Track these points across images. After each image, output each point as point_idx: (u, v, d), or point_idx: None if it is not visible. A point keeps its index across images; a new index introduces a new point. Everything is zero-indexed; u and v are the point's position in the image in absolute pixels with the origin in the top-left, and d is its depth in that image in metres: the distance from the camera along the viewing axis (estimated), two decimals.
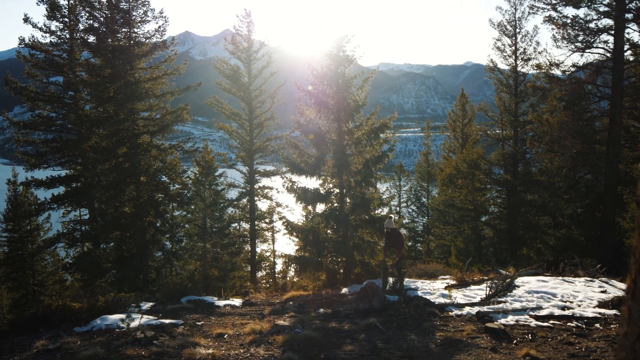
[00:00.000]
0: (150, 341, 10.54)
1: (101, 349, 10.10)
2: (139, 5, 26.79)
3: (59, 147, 28.26)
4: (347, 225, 19.37)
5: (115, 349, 10.22)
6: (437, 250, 38.85)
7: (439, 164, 45.06)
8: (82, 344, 10.96)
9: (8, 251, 30.44)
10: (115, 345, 10.55)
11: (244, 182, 31.84)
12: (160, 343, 10.47)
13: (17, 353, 11.17)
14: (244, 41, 30.66)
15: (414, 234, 45.44)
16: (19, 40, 27.38)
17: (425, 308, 12.50)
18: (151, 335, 10.83)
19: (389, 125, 19.56)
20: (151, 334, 10.91)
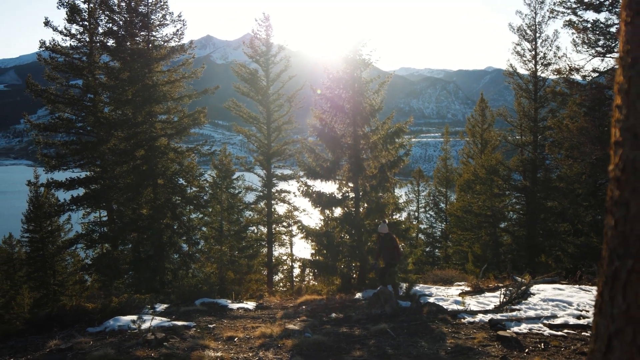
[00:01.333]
0: (160, 343, 10.54)
1: (112, 350, 10.12)
2: (158, 9, 26.99)
3: (79, 149, 28.50)
4: (362, 229, 19.29)
5: (125, 350, 10.24)
6: (455, 256, 38.61)
7: (458, 169, 44.83)
8: (93, 345, 11.00)
9: (30, 251, 30.81)
10: (126, 347, 10.57)
11: (262, 185, 31.83)
12: (170, 345, 10.47)
13: (30, 352, 11.25)
14: (262, 45, 30.70)
15: (432, 240, 45.20)
16: (40, 43, 27.65)
17: (437, 314, 12.38)
18: (161, 337, 10.83)
19: (404, 129, 19.44)
20: (161, 336, 10.92)
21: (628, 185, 1.34)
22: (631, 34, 1.34)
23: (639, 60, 1.31)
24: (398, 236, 19.35)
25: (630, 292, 1.32)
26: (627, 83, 1.36)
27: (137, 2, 26.75)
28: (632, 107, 1.33)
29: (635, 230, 1.31)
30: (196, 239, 28.67)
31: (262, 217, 31.99)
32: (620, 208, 1.36)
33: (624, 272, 1.35)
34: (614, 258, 1.40)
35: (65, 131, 29.20)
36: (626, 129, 1.35)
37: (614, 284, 1.39)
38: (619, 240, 1.37)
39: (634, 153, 1.31)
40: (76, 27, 28.56)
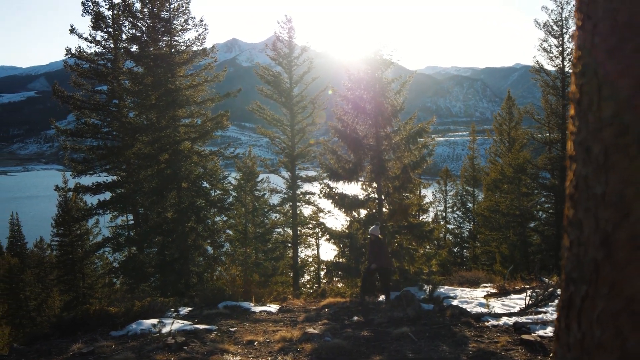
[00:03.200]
0: (180, 347, 10.54)
1: (132, 354, 10.16)
2: (180, 14, 27.19)
3: (105, 154, 28.81)
4: (386, 231, 19.16)
5: (145, 354, 10.26)
6: (482, 256, 38.23)
7: (485, 168, 44.40)
8: (115, 348, 11.05)
9: (59, 255, 31.24)
10: (147, 350, 10.59)
11: (286, 187, 31.83)
12: (190, 349, 10.46)
13: (54, 355, 11.33)
14: (284, 47, 30.72)
15: (460, 240, 44.84)
16: (66, 50, 27.98)
17: (460, 317, 12.21)
18: (182, 341, 10.84)
19: (427, 129, 19.28)
20: (182, 340, 10.93)
21: (581, 203, 1.24)
22: (582, 39, 1.25)
23: (590, 68, 1.22)
24: (422, 238, 19.21)
25: (585, 320, 1.22)
26: (578, 92, 1.27)
27: (159, 8, 26.95)
28: (583, 118, 1.24)
29: (590, 252, 1.21)
30: (221, 242, 28.78)
31: (288, 219, 32.00)
32: (574, 228, 1.27)
33: (579, 299, 1.25)
34: (569, 283, 1.30)
35: (92, 136, 29.53)
36: (579, 143, 1.25)
37: (570, 311, 1.29)
38: (573, 264, 1.27)
39: (586, 169, 1.22)
40: (101, 34, 28.91)
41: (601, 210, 1.16)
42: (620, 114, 1.12)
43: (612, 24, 1.14)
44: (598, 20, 1.18)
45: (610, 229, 1.14)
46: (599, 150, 1.17)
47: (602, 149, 1.16)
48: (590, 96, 1.21)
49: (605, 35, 1.16)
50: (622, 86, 1.12)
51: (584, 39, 1.23)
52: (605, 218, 1.15)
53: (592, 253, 1.19)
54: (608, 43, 1.15)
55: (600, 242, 1.17)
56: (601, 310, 1.17)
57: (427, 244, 21.00)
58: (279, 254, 31.14)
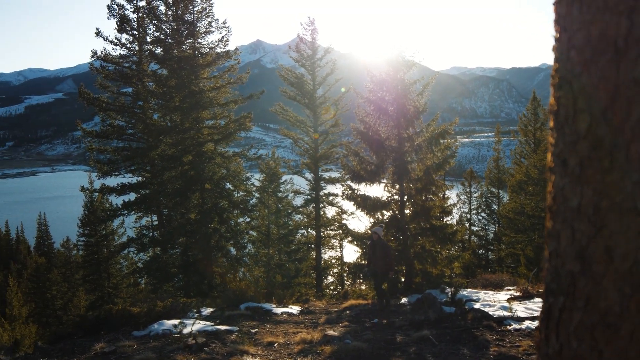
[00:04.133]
0: (200, 348, 10.61)
1: (153, 354, 10.24)
2: (203, 16, 27.35)
3: (129, 155, 29.08)
4: (408, 233, 19.10)
5: (166, 355, 10.33)
6: (507, 259, 37.91)
7: (510, 169, 44.03)
8: (137, 348, 11.15)
9: (85, 254, 31.58)
10: (167, 351, 10.67)
11: (309, 189, 31.85)
12: (210, 350, 10.52)
13: (76, 355, 11.47)
14: (308, 49, 30.74)
15: (485, 242, 44.53)
16: (92, 53, 28.29)
17: (482, 321, 12.13)
18: (202, 342, 10.90)
19: (449, 131, 19.17)
20: (202, 341, 10.99)
21: (559, 215, 1.24)
22: (559, 52, 1.25)
23: (566, 81, 1.22)
24: (444, 240, 19.12)
25: (563, 332, 1.22)
26: (556, 105, 1.27)
27: (183, 11, 27.15)
28: (560, 131, 1.24)
29: (567, 265, 1.21)
30: (244, 243, 28.86)
31: (311, 220, 32.00)
32: (552, 240, 1.27)
33: (557, 310, 1.25)
34: (548, 294, 1.30)
35: (117, 138, 29.83)
36: (556, 155, 1.25)
37: (549, 322, 1.29)
38: (552, 276, 1.27)
39: (563, 181, 1.22)
40: (126, 36, 29.21)
41: (577, 222, 1.17)
42: (595, 127, 1.12)
43: (586, 37, 1.14)
44: (573, 32, 1.18)
45: (585, 242, 1.14)
46: (575, 163, 1.17)
47: (577, 161, 1.16)
48: (566, 109, 1.21)
49: (579, 48, 1.16)
50: (596, 99, 1.12)
51: (560, 51, 1.24)
52: (581, 230, 1.16)
53: (569, 265, 1.19)
54: (582, 56, 1.15)
55: (576, 255, 1.17)
56: (578, 323, 1.17)
57: (450, 246, 20.89)
58: (302, 255, 31.15)
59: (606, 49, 1.09)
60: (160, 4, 28.32)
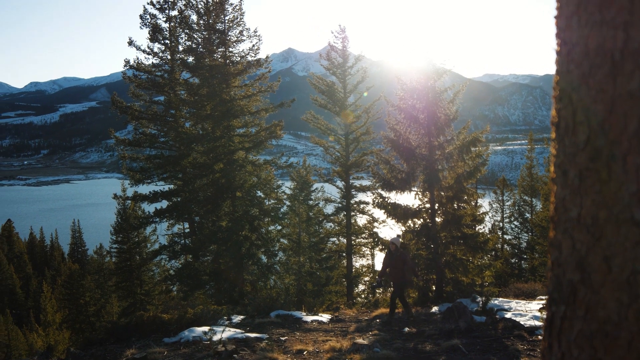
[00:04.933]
0: (230, 355, 10.67)
1: None
2: (235, 25, 27.54)
3: (162, 163, 29.39)
4: (438, 242, 19.00)
5: None
6: (540, 268, 37.41)
7: (544, 177, 43.49)
8: (167, 355, 11.24)
9: (118, 261, 31.93)
10: (197, 358, 10.76)
11: (340, 197, 31.83)
12: (240, 357, 10.58)
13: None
14: (338, 57, 30.79)
15: (518, 251, 44.00)
16: (125, 62, 28.72)
17: (513, 330, 12.03)
18: (232, 349, 10.95)
19: (481, 139, 19.02)
20: (232, 348, 11.04)
21: (560, 225, 1.26)
22: (559, 65, 1.27)
23: (566, 93, 1.24)
24: (476, 249, 18.95)
25: (564, 340, 1.24)
26: (557, 116, 1.28)
27: (215, 20, 27.39)
28: (561, 142, 1.26)
29: (568, 274, 1.22)
30: (275, 251, 28.93)
31: (342, 228, 31.98)
32: (554, 249, 1.28)
33: (558, 319, 1.27)
34: (551, 303, 1.32)
35: (149, 146, 30.19)
36: (557, 166, 1.27)
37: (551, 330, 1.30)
38: (554, 285, 1.29)
39: (564, 192, 1.24)
40: (158, 45, 29.62)
41: (577, 232, 1.18)
42: (593, 138, 1.13)
43: (584, 50, 1.15)
44: (572, 46, 1.20)
45: (585, 252, 1.16)
46: (574, 174, 1.19)
47: (577, 172, 1.18)
48: (566, 121, 1.23)
49: (578, 62, 1.18)
50: (594, 112, 1.14)
51: (560, 64, 1.25)
52: (581, 240, 1.17)
53: (570, 274, 1.21)
54: (581, 69, 1.17)
55: (576, 264, 1.18)
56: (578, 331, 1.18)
57: (481, 255, 20.70)
58: (333, 263, 31.12)
59: (603, 62, 1.11)
60: (192, 13, 28.69)
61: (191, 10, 28.62)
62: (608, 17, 1.10)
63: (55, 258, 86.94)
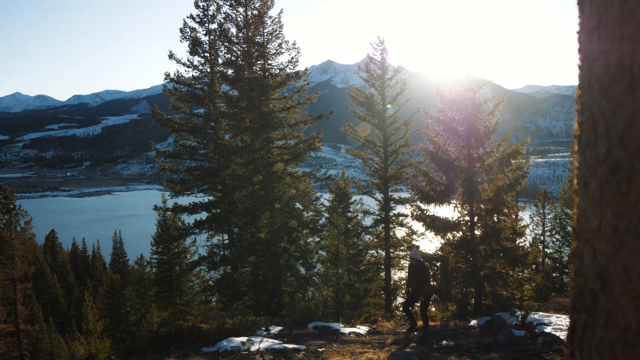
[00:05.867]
0: None
1: None
2: (274, 38, 27.74)
3: (201, 175, 29.73)
4: (478, 255, 18.84)
5: None
6: None
7: None
8: None
9: (158, 272, 32.31)
10: None
11: (379, 209, 31.74)
12: None
13: None
14: (377, 68, 30.77)
15: (560, 265, 43.31)
16: (165, 75, 29.16)
17: (552, 345, 11.87)
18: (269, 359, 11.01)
19: (521, 151, 18.84)
20: (269, 358, 11.13)
21: (582, 236, 1.28)
22: (581, 79, 1.29)
23: (587, 107, 1.26)
24: (515, 262, 18.74)
25: (585, 348, 1.26)
26: (579, 129, 1.31)
27: (254, 33, 27.63)
28: (583, 155, 1.28)
29: (589, 283, 1.25)
30: (313, 263, 28.96)
31: (380, 241, 31.86)
32: (577, 259, 1.31)
33: (580, 327, 1.29)
34: (573, 312, 1.34)
35: (189, 158, 30.60)
36: (580, 178, 1.30)
37: (573, 338, 1.32)
38: (576, 294, 1.31)
39: (585, 203, 1.26)
40: (198, 58, 30.03)
41: (597, 242, 1.21)
42: (613, 151, 1.16)
43: (604, 65, 1.18)
44: (593, 61, 1.22)
45: (605, 262, 1.18)
46: (595, 185, 1.21)
47: (598, 184, 1.21)
48: (587, 134, 1.25)
49: (599, 76, 1.20)
50: (614, 125, 1.16)
51: (582, 79, 1.28)
52: (601, 250, 1.19)
53: (591, 284, 1.23)
54: (601, 83, 1.19)
55: (597, 274, 1.21)
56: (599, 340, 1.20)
57: (521, 269, 20.45)
58: (371, 275, 31.00)
59: (623, 77, 1.14)
60: (232, 26, 28.97)
61: (230, 23, 28.96)
62: (627, 33, 1.13)
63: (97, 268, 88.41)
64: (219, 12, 30.02)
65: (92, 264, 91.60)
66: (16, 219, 29.05)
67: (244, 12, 28.94)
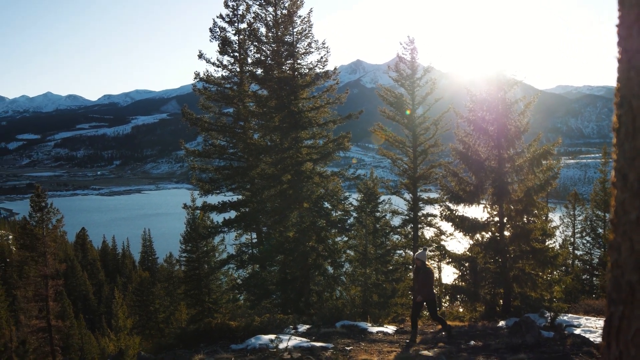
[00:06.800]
0: None
1: None
2: (303, 37, 27.70)
3: (230, 174, 29.92)
4: (507, 255, 18.70)
5: None
6: None
7: None
8: None
9: (186, 270, 32.59)
10: None
11: (408, 209, 31.65)
12: None
13: None
14: (407, 68, 30.65)
15: (590, 267, 42.79)
16: (195, 74, 29.41)
17: (582, 347, 11.74)
18: (297, 357, 11.07)
19: (552, 151, 18.63)
20: (298, 356, 11.16)
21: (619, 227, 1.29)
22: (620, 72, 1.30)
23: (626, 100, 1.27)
24: (545, 263, 18.55)
25: (622, 339, 1.26)
26: (617, 122, 1.32)
27: (283, 32, 27.67)
28: (621, 147, 1.29)
29: (626, 275, 1.25)
30: (341, 262, 28.94)
31: (409, 241, 31.76)
32: (614, 251, 1.31)
33: (617, 319, 1.29)
34: (610, 303, 1.34)
35: (218, 157, 30.82)
36: (618, 170, 1.30)
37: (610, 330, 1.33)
38: (613, 285, 1.32)
39: (623, 195, 1.27)
40: (227, 58, 30.23)
41: (635, 234, 1.21)
42: None
43: None
44: (633, 54, 1.23)
45: None
46: (634, 177, 1.22)
47: (636, 176, 1.21)
48: (626, 126, 1.26)
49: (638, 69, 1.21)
50: None
51: (621, 72, 1.29)
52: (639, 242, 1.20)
53: (628, 275, 1.24)
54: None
55: (635, 265, 1.21)
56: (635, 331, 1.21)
57: (551, 270, 20.24)
58: (400, 275, 30.88)
59: None
60: (261, 25, 29.02)
61: (260, 22, 29.01)
62: None
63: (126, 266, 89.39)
64: (248, 12, 30.20)
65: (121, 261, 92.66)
66: (48, 217, 29.53)
67: (273, 12, 29.01)
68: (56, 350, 29.92)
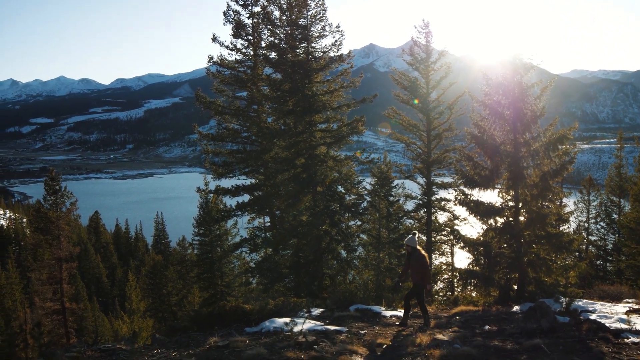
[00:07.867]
0: (310, 346, 10.79)
1: (264, 350, 10.53)
2: (317, 21, 27.47)
3: (244, 158, 29.91)
4: (522, 240, 18.62)
5: (277, 351, 10.59)
6: (627, 271, 36.04)
7: (633, 177, 41.85)
8: (249, 344, 11.48)
9: (199, 253, 32.73)
10: (278, 347, 10.93)
11: (421, 193, 31.58)
12: (320, 348, 10.68)
13: (192, 347, 12.00)
14: (421, 52, 30.49)
15: (604, 253, 42.57)
16: (209, 58, 29.35)
17: (597, 332, 11.68)
18: (312, 340, 11.09)
19: (568, 136, 18.47)
20: (312, 339, 11.18)
21: None
22: None
23: None
24: (560, 248, 18.47)
25: None
26: None
27: (297, 15, 27.45)
28: None
29: None
30: (354, 246, 28.93)
31: (422, 225, 31.72)
32: None
33: None
34: None
35: (232, 141, 30.82)
36: None
37: None
38: None
39: None
40: (241, 41, 30.07)
41: None
42: None
43: None
44: None
45: None
46: None
47: None
48: None
49: None
50: None
51: None
52: None
53: None
54: None
55: None
56: None
57: (566, 255, 20.15)
58: None
59: None
60: (275, 9, 28.78)
61: (274, 6, 28.77)
62: None
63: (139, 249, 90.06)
64: None
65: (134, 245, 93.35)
66: (62, 200, 29.73)
67: None
68: (70, 332, 30.20)
